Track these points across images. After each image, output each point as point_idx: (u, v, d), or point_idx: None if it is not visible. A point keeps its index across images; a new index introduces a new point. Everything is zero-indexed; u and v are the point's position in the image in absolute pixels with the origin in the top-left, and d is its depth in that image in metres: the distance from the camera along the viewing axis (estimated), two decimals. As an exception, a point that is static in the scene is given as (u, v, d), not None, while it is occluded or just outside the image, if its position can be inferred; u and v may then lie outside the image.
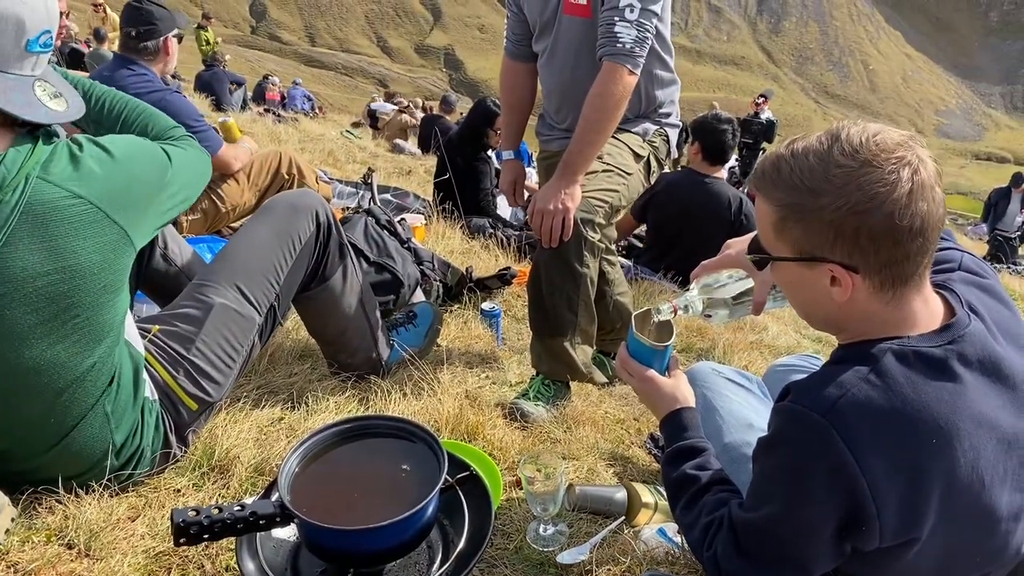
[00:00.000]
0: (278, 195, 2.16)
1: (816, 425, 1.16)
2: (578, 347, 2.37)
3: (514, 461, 2.04)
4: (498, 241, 4.65)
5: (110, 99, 1.87)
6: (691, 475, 1.44)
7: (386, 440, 1.43)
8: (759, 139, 6.43)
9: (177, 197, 1.69)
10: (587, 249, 2.24)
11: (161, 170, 1.64)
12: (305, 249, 2.03)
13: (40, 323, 1.44)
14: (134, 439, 1.65)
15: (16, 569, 1.39)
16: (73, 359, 1.50)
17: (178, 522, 1.22)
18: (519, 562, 1.67)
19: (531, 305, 2.42)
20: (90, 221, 1.45)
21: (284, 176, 3.92)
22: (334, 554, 1.31)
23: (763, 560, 1.27)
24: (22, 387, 1.46)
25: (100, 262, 1.48)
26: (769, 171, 1.23)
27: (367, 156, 8.95)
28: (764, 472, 1.27)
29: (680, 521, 1.43)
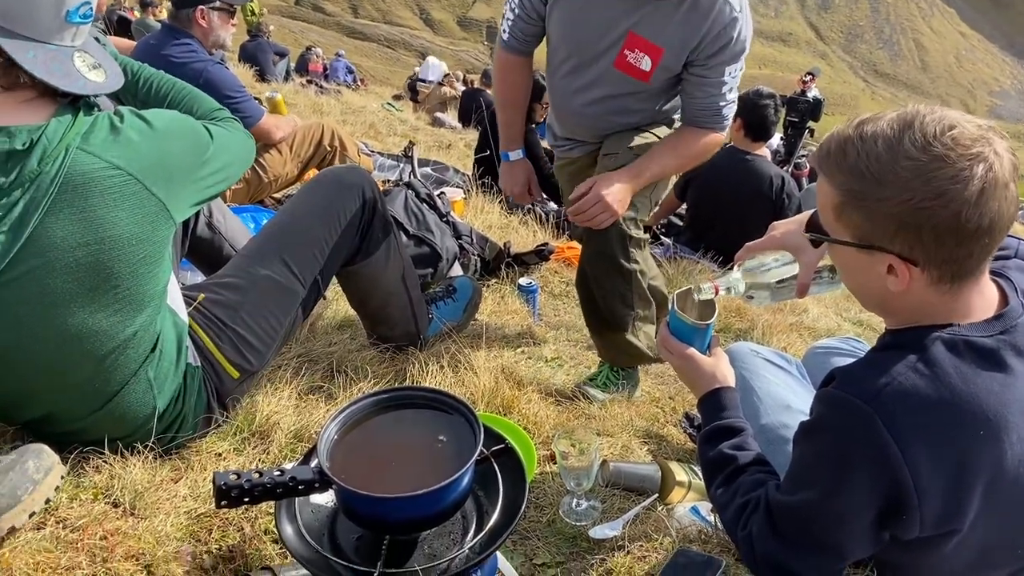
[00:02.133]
0: (326, 170, 2.18)
1: (860, 413, 1.14)
2: (640, 332, 2.35)
3: (548, 435, 2.06)
4: (536, 217, 4.64)
5: (157, 81, 1.89)
6: (728, 455, 1.44)
7: (423, 411, 1.44)
8: (805, 118, 6.30)
9: (219, 175, 1.69)
10: (633, 245, 2.22)
11: (202, 146, 1.65)
12: (350, 225, 2.05)
13: (81, 292, 1.46)
14: (177, 404, 1.68)
15: (65, 525, 1.44)
16: (115, 327, 1.52)
17: (220, 485, 1.25)
18: (551, 535, 1.68)
19: (584, 305, 2.40)
20: (129, 193, 1.47)
21: (326, 148, 3.95)
22: (370, 521, 1.33)
23: (798, 543, 1.26)
24: (66, 353, 1.50)
25: (138, 233, 1.49)
26: (835, 152, 1.19)
27: (408, 129, 8.96)
28: (804, 457, 1.26)
29: (715, 500, 1.43)
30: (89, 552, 1.39)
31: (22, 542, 1.38)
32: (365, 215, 2.09)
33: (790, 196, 4.53)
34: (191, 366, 1.72)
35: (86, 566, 1.37)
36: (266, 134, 3.65)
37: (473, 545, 1.34)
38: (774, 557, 1.28)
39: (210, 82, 3.33)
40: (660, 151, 2.24)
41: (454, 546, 1.35)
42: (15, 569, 1.32)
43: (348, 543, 1.36)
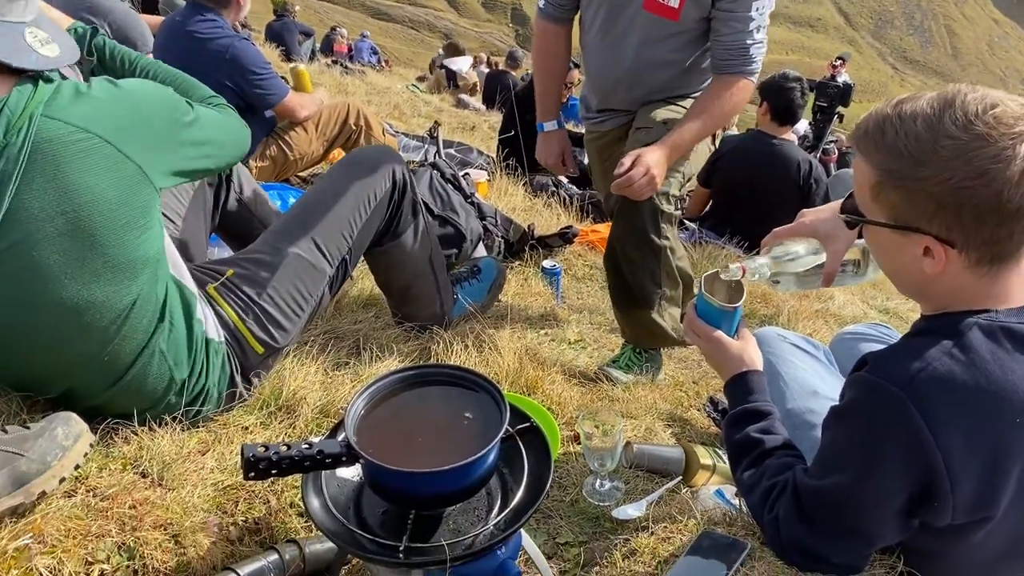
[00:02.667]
0: (358, 150, 2.19)
1: (893, 398, 1.13)
2: (666, 313, 2.35)
3: (572, 416, 2.06)
4: (560, 200, 4.62)
5: (154, 70, 1.86)
6: (755, 438, 1.43)
7: (450, 388, 1.44)
8: (834, 103, 6.21)
9: (202, 150, 1.64)
10: (664, 220, 2.21)
11: (178, 112, 1.61)
12: (380, 206, 2.05)
13: (69, 263, 1.43)
14: (199, 378, 1.69)
15: (95, 493, 1.46)
16: (111, 297, 1.50)
17: (248, 457, 1.26)
18: (575, 515, 1.69)
19: (611, 280, 2.39)
20: (101, 155, 1.42)
21: (352, 127, 3.95)
22: (397, 495, 1.33)
23: (825, 528, 1.25)
24: (67, 327, 1.48)
25: (116, 197, 1.45)
26: (873, 131, 1.17)
27: (432, 110, 8.95)
28: (835, 441, 1.25)
29: (741, 484, 1.42)
30: (119, 520, 1.41)
31: (53, 508, 1.40)
32: (395, 197, 2.10)
33: (817, 182, 4.48)
34: (214, 341, 1.72)
35: (116, 534, 1.39)
36: (291, 112, 3.65)
37: (498, 522, 1.34)
38: (801, 541, 1.27)
39: (236, 58, 3.34)
40: (693, 115, 2.22)
41: (479, 522, 1.35)
42: (47, 534, 1.34)
43: (374, 517, 1.37)
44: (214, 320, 1.75)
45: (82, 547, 1.35)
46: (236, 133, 1.79)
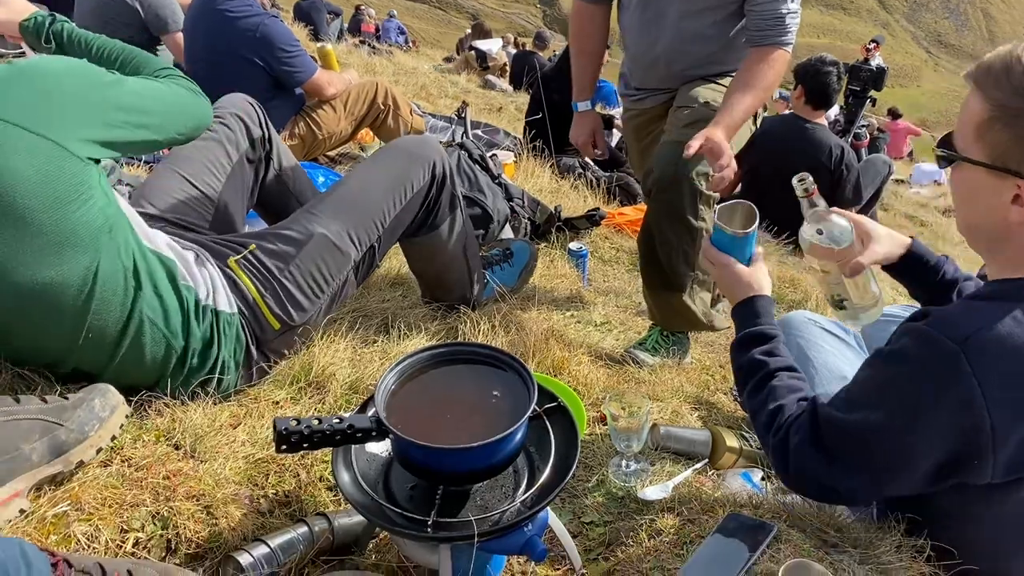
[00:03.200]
0: (399, 139, 2.18)
1: (948, 352, 1.13)
2: (697, 297, 2.34)
3: (598, 397, 2.06)
4: (587, 182, 4.61)
5: (109, 48, 1.80)
6: (759, 360, 1.46)
7: (479, 367, 1.45)
8: (867, 87, 6.10)
9: (131, 116, 1.58)
10: (702, 202, 2.19)
11: (91, 77, 1.55)
12: (416, 197, 2.05)
13: (9, 250, 1.41)
14: (210, 348, 1.69)
15: (130, 464, 1.49)
16: (64, 275, 1.47)
17: (280, 430, 1.27)
18: (600, 495, 1.69)
19: (644, 261, 2.38)
20: (9, 138, 1.39)
21: (380, 106, 3.95)
22: (425, 471, 1.35)
23: (844, 461, 1.26)
24: (35, 312, 1.47)
25: (36, 176, 1.41)
26: (997, 68, 1.18)
27: (459, 91, 8.92)
28: (875, 379, 1.26)
29: (746, 406, 1.46)
30: (153, 490, 1.44)
31: (90, 477, 1.43)
32: (433, 191, 2.10)
33: (848, 167, 4.43)
34: (224, 312, 1.72)
35: (150, 503, 1.41)
36: (319, 90, 3.67)
37: (525, 499, 1.35)
38: (813, 470, 1.29)
39: (267, 36, 3.35)
40: (738, 90, 2.19)
41: (505, 499, 1.36)
42: (84, 502, 1.37)
43: (402, 492, 1.38)
44: (226, 291, 1.74)
45: (118, 515, 1.38)
46: (184, 105, 1.70)
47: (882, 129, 12.27)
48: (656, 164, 2.19)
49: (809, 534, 1.42)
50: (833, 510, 1.51)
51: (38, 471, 1.36)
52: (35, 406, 1.39)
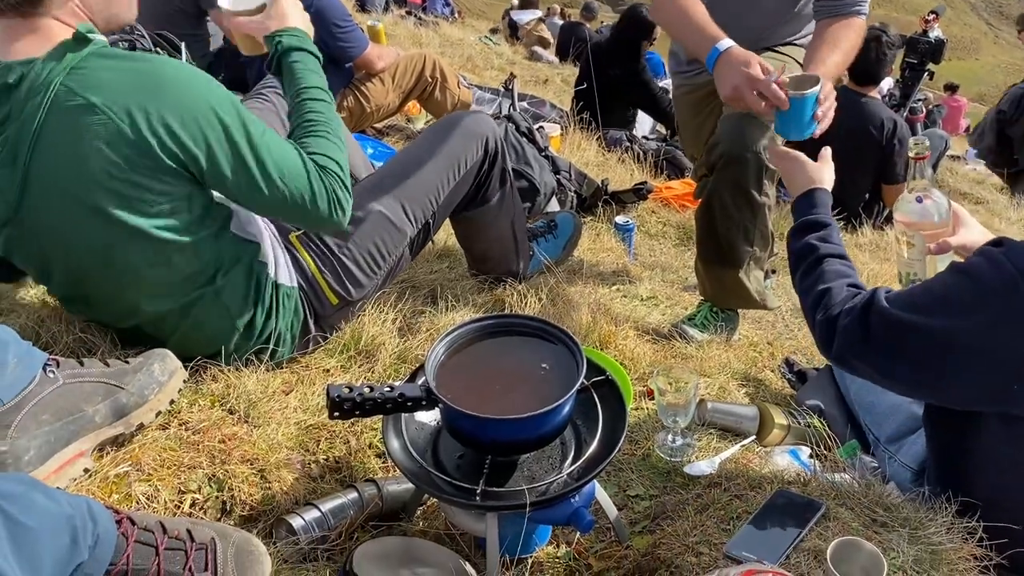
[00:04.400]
0: (452, 115, 2.18)
1: (1009, 275, 1.22)
2: (751, 274, 2.30)
3: (645, 372, 2.06)
4: (634, 155, 4.56)
5: (308, 104, 1.70)
6: (812, 244, 1.56)
7: (528, 339, 1.46)
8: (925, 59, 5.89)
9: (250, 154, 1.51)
10: (767, 177, 2.15)
11: (225, 106, 1.49)
12: (469, 173, 2.06)
13: (88, 221, 1.46)
14: (269, 320, 1.73)
15: (187, 427, 1.53)
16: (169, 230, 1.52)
17: (333, 397, 1.30)
18: (646, 469, 1.70)
19: (701, 234, 2.34)
20: (110, 131, 1.40)
21: (428, 79, 3.95)
22: (474, 440, 1.37)
23: (886, 350, 1.35)
24: (110, 263, 1.52)
25: (121, 170, 1.43)
26: None
27: (504, 63, 8.86)
28: (941, 288, 1.32)
29: (798, 286, 1.57)
30: (209, 453, 1.48)
31: (149, 439, 1.47)
32: (485, 166, 2.11)
33: (901, 142, 4.32)
34: (284, 285, 1.75)
35: (206, 466, 1.45)
36: (369, 63, 3.68)
37: (572, 471, 1.36)
38: (855, 351, 1.38)
39: (320, 11, 3.36)
40: (820, 48, 2.10)
41: (552, 471, 1.37)
42: (144, 463, 1.41)
43: (450, 461, 1.40)
44: (287, 265, 1.78)
45: (176, 477, 1.43)
46: (295, 173, 1.55)
47: (939, 105, 11.92)
48: (722, 137, 2.16)
49: (858, 512, 1.41)
50: (882, 489, 1.50)
51: (100, 432, 1.41)
52: (97, 369, 1.43)
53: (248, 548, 1.21)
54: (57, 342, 1.71)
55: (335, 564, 1.36)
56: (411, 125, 4.41)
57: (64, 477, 1.35)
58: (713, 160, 2.18)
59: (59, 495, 1.06)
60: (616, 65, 4.96)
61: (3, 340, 1.32)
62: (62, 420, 1.35)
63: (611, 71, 4.91)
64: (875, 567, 1.18)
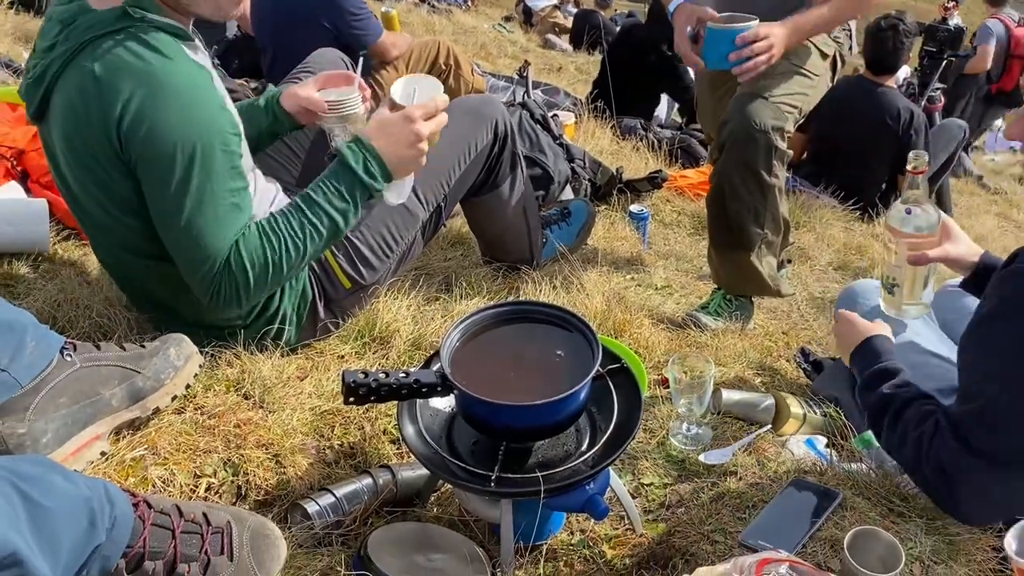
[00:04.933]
0: (461, 99, 2.17)
1: None
2: (764, 259, 2.29)
3: (659, 361, 2.05)
4: (649, 144, 4.53)
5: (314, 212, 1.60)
6: (889, 394, 1.40)
7: (543, 326, 1.45)
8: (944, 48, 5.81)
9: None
10: (777, 158, 2.13)
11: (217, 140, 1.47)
12: (479, 157, 2.05)
13: (85, 165, 1.49)
14: (272, 299, 1.72)
15: (203, 412, 1.53)
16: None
17: (349, 382, 1.30)
18: (660, 457, 1.69)
19: (712, 217, 2.33)
20: (101, 104, 1.42)
21: (442, 66, 3.93)
22: (489, 427, 1.36)
23: (994, 453, 1.22)
24: (113, 216, 1.55)
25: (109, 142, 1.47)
26: None
27: (518, 51, 8.84)
28: (981, 350, 1.24)
29: (887, 444, 1.40)
30: (224, 438, 1.48)
31: (165, 423, 1.48)
32: (495, 149, 2.10)
33: (917, 132, 4.27)
34: None
35: (222, 450, 1.46)
36: (383, 52, 3.67)
37: (586, 458, 1.36)
38: (975, 477, 1.24)
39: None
40: (824, 15, 2.14)
41: (567, 458, 1.37)
42: (160, 447, 1.42)
43: (464, 447, 1.40)
44: None
45: (191, 461, 1.43)
46: (199, 248, 1.49)
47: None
48: (731, 116, 2.14)
49: (875, 502, 1.40)
50: (900, 479, 1.48)
51: (117, 416, 1.41)
52: (114, 353, 1.44)
53: (264, 532, 1.21)
54: (73, 326, 1.72)
55: (349, 549, 1.36)
56: (424, 113, 4.39)
57: (81, 460, 1.36)
58: (723, 139, 2.17)
59: (77, 477, 1.06)
60: (653, 52, 4.90)
61: (21, 323, 1.32)
62: (79, 403, 1.35)
63: (648, 58, 4.84)
64: (893, 557, 1.18)
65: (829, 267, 3.39)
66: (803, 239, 3.56)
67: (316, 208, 1.57)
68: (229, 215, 1.50)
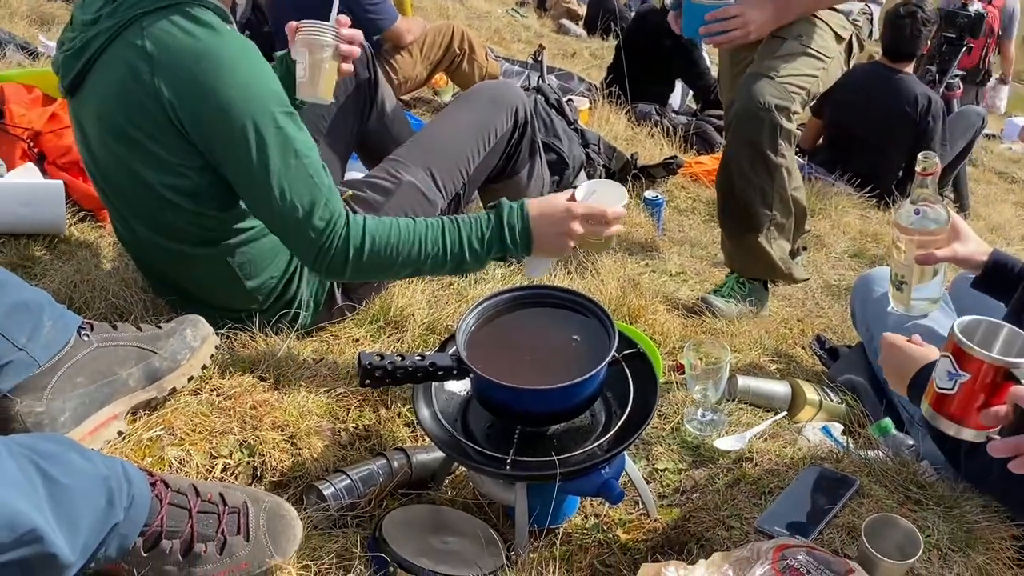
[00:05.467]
0: (481, 84, 2.16)
1: None
2: (774, 242, 2.28)
3: (674, 347, 2.04)
4: (663, 129, 4.50)
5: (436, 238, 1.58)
6: None
7: (559, 311, 1.45)
8: (963, 34, 5.72)
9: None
10: (783, 137, 2.13)
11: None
12: (499, 143, 2.05)
13: (121, 144, 1.49)
14: (291, 284, 1.73)
15: (219, 393, 1.54)
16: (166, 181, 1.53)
17: (365, 364, 1.30)
18: (675, 443, 1.69)
19: (721, 199, 2.33)
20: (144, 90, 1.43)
21: (456, 51, 3.92)
22: (504, 410, 1.36)
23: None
24: (135, 191, 1.55)
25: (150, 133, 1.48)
26: None
27: (532, 36, 8.78)
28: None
29: (968, 474, 1.38)
30: (240, 419, 1.48)
31: (182, 404, 1.48)
32: (515, 137, 2.09)
33: (935, 119, 4.22)
34: None
35: (237, 431, 1.46)
36: (398, 36, 3.66)
37: (601, 443, 1.35)
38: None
39: (348, -22, 3.33)
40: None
41: (582, 442, 1.36)
42: (176, 428, 1.43)
43: (480, 430, 1.40)
44: None
45: (207, 442, 1.44)
46: (311, 190, 1.49)
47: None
48: (738, 95, 2.14)
49: (892, 490, 1.39)
50: (917, 467, 1.47)
51: (134, 396, 1.42)
52: (131, 334, 1.44)
53: (280, 512, 1.21)
54: (90, 307, 1.73)
55: (364, 531, 1.37)
56: (438, 97, 4.38)
57: (98, 439, 1.36)
58: (729, 119, 2.18)
59: (95, 456, 1.07)
60: (668, 37, 4.86)
61: (38, 303, 1.33)
62: (96, 383, 1.36)
63: (663, 43, 4.80)
64: (911, 544, 1.17)
65: (845, 255, 3.37)
66: (819, 226, 3.53)
67: (456, 232, 1.57)
68: (320, 172, 1.51)
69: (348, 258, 1.52)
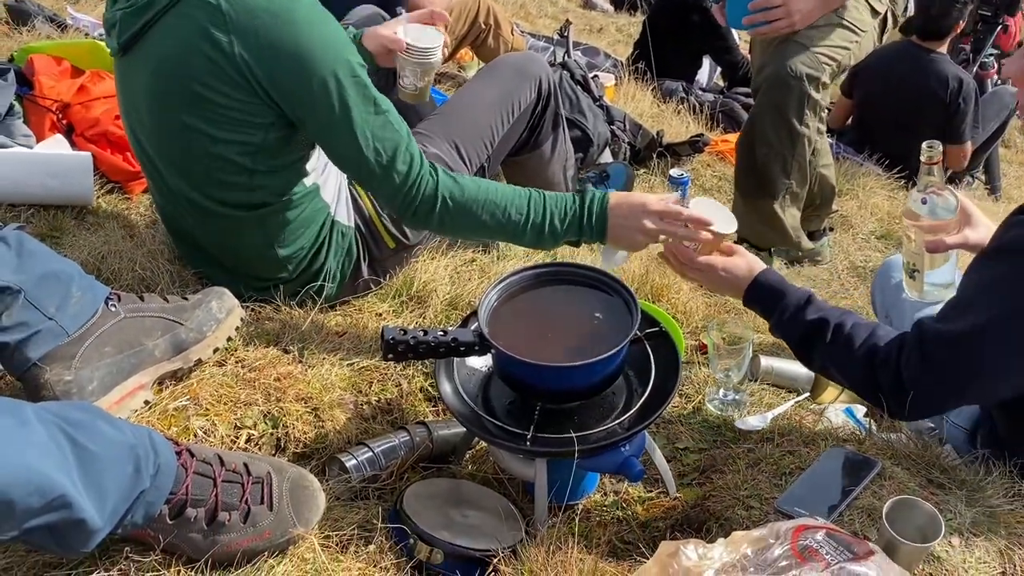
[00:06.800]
0: (505, 56, 2.16)
1: None
2: (787, 210, 2.28)
3: (697, 326, 2.03)
4: (690, 107, 4.45)
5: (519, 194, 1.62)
6: (816, 318, 1.41)
7: (582, 288, 1.45)
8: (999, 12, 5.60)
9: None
10: (809, 107, 2.12)
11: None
12: (523, 115, 2.04)
13: (170, 106, 1.51)
14: (318, 255, 1.74)
15: (243, 365, 1.55)
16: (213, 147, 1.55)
17: (388, 339, 1.31)
18: (696, 423, 1.69)
19: (740, 164, 2.34)
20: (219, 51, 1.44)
21: (482, 26, 3.88)
22: (525, 387, 1.37)
23: (949, 374, 1.26)
24: (180, 150, 1.57)
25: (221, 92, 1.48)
26: None
27: (558, 11, 8.70)
28: (981, 281, 1.26)
29: (831, 362, 1.41)
30: (264, 390, 1.50)
31: (207, 375, 1.50)
32: (538, 108, 2.08)
33: (966, 100, 4.14)
34: (340, 223, 1.77)
35: (262, 403, 1.48)
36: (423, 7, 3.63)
37: (622, 421, 1.36)
38: (929, 393, 1.28)
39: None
40: None
41: (603, 420, 1.37)
42: (201, 398, 1.44)
43: (500, 406, 1.41)
44: (347, 205, 1.80)
45: (232, 412, 1.45)
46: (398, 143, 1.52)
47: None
48: (772, 60, 2.13)
49: (914, 473, 1.38)
50: (939, 450, 1.47)
51: (160, 366, 1.44)
52: (157, 305, 1.46)
53: (303, 483, 1.23)
54: (118, 278, 1.75)
55: (386, 503, 1.38)
56: (463, 72, 4.36)
57: (125, 408, 1.38)
58: (758, 83, 2.17)
59: (123, 424, 1.09)
60: (696, 12, 4.79)
61: (67, 273, 1.35)
62: (123, 353, 1.38)
63: (691, 18, 4.74)
64: (932, 527, 1.16)
65: (872, 236, 3.33)
66: (846, 207, 3.49)
67: (542, 205, 1.59)
68: (399, 119, 1.54)
69: (436, 206, 1.55)
